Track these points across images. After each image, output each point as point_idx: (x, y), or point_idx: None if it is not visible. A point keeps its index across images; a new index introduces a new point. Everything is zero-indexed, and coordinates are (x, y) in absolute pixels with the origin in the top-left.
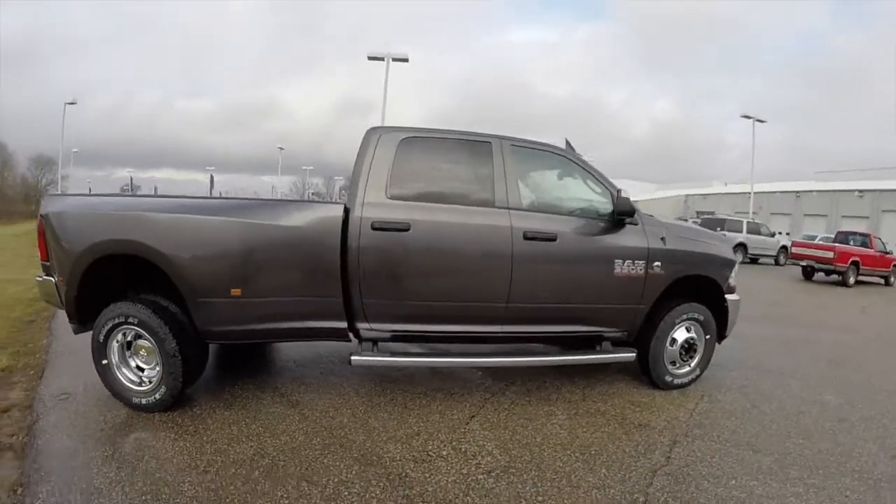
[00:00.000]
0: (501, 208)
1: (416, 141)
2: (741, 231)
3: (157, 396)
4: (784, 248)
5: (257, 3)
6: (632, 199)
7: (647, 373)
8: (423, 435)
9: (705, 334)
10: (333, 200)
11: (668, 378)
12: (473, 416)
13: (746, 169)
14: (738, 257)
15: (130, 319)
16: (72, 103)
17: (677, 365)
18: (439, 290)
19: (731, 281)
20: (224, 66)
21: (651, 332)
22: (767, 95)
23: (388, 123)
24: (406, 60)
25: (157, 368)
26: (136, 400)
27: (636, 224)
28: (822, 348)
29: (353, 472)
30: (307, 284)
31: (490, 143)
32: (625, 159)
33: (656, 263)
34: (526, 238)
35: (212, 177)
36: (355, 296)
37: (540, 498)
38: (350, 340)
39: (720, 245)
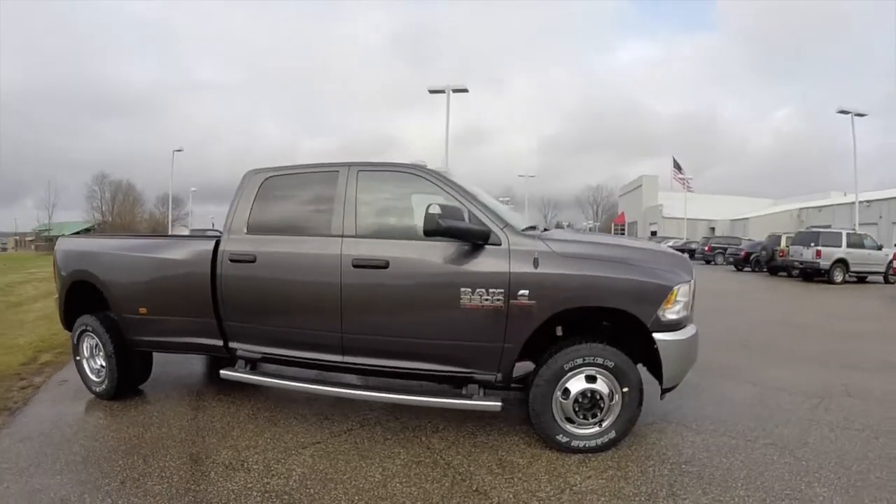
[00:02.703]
0: (335, 236)
1: (278, 178)
2: (840, 245)
3: (104, 387)
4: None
5: (372, 42)
6: (444, 215)
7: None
8: (258, 449)
9: (622, 386)
10: (212, 234)
11: (563, 438)
12: (318, 443)
13: (874, 177)
14: (681, 281)
15: (88, 327)
16: (178, 150)
17: (577, 424)
18: (282, 317)
19: (669, 314)
20: (343, 104)
21: (532, 379)
22: None
23: (496, 154)
24: (466, 91)
25: (105, 366)
26: (93, 388)
27: (498, 244)
28: (874, 406)
29: (178, 462)
30: (190, 307)
31: (338, 171)
32: (744, 175)
33: (522, 292)
34: (355, 266)
35: None
36: (223, 318)
37: None
38: (229, 357)
39: (647, 266)
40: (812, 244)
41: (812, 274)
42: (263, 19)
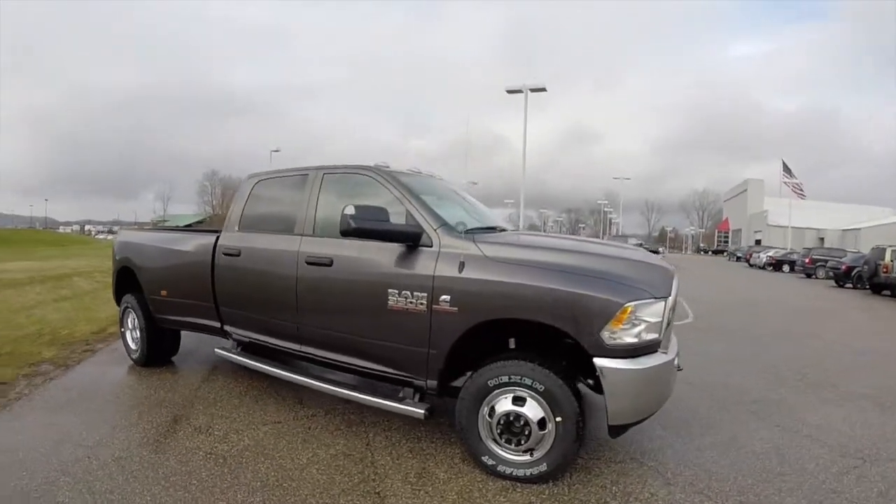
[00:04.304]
0: (297, 234)
1: (266, 181)
2: None
3: (137, 355)
4: None
5: (479, 41)
6: (356, 216)
7: None
8: (229, 419)
9: (555, 415)
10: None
11: (489, 461)
12: (278, 422)
13: None
14: (641, 298)
15: (129, 305)
16: (276, 151)
17: (503, 448)
18: (257, 306)
19: (622, 336)
20: (451, 104)
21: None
22: None
23: (601, 156)
24: (544, 90)
25: (138, 337)
26: (131, 355)
27: (429, 245)
28: None
29: (163, 420)
30: (196, 291)
31: (308, 174)
32: (863, 181)
33: (444, 298)
34: (308, 263)
35: None
36: (219, 303)
37: (195, 482)
38: (227, 338)
39: (596, 277)
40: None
41: None
42: (373, 23)
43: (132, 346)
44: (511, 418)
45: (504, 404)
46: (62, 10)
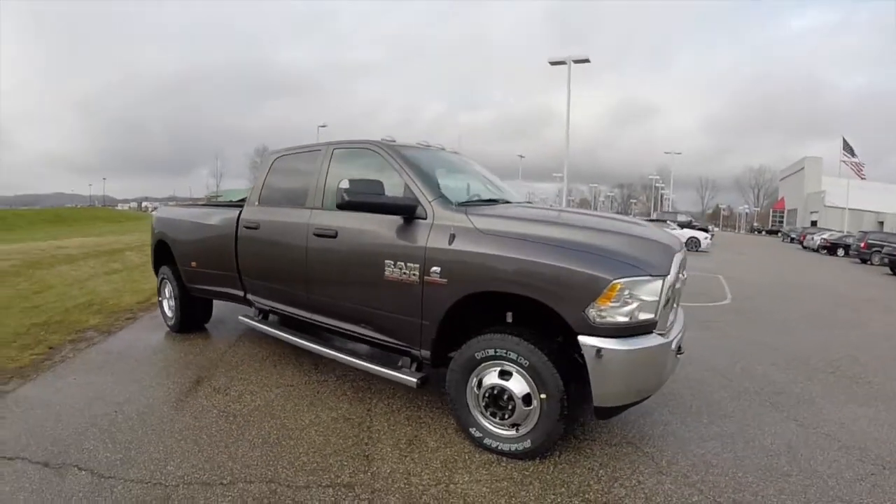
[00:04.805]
0: (308, 208)
1: (284, 157)
2: None
3: (172, 322)
4: None
5: (530, 14)
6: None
7: None
8: (246, 381)
9: (539, 391)
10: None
11: (476, 433)
12: (291, 386)
13: None
14: (635, 275)
15: (165, 276)
16: (322, 126)
17: (489, 420)
18: (273, 276)
19: (611, 314)
20: (501, 78)
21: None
22: None
23: (656, 132)
24: (587, 61)
25: (173, 306)
26: (167, 322)
27: (424, 218)
28: None
29: (186, 380)
30: (222, 262)
31: (320, 150)
32: None
33: (434, 269)
34: (315, 235)
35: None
36: (241, 274)
37: (204, 437)
38: (251, 306)
39: (585, 251)
40: None
41: None
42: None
43: (168, 313)
44: (496, 392)
45: (491, 377)
46: None
